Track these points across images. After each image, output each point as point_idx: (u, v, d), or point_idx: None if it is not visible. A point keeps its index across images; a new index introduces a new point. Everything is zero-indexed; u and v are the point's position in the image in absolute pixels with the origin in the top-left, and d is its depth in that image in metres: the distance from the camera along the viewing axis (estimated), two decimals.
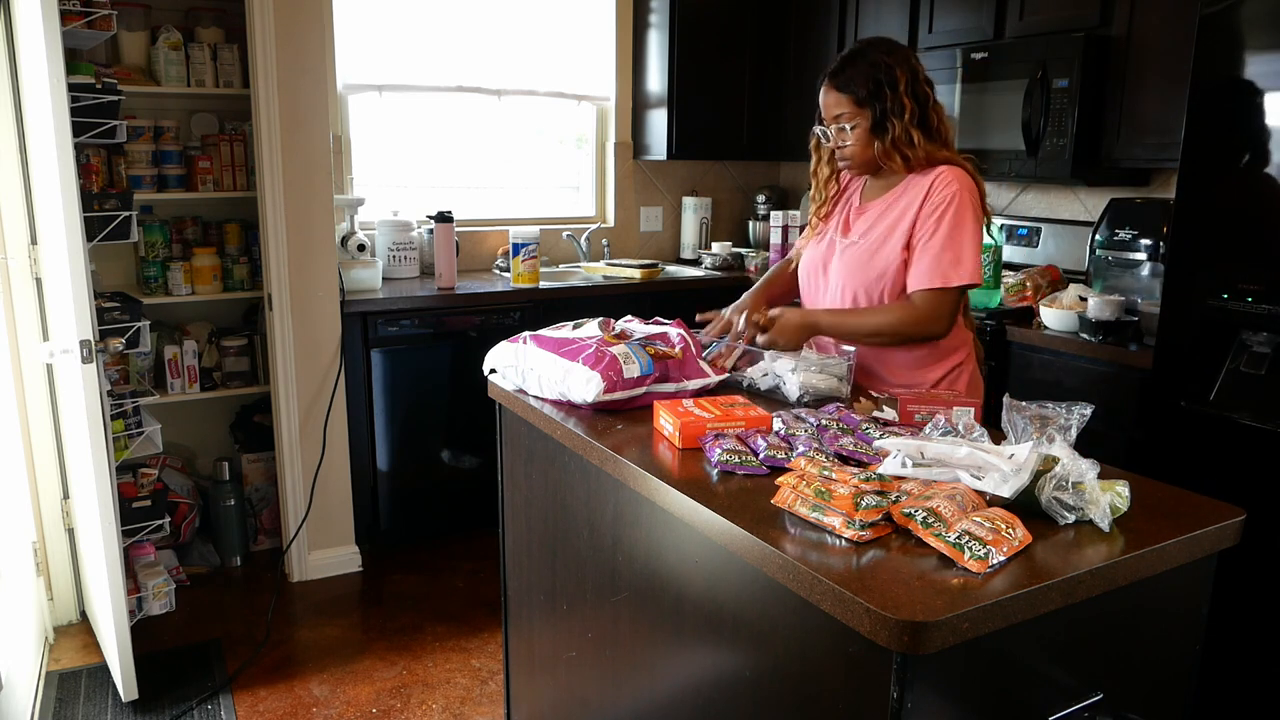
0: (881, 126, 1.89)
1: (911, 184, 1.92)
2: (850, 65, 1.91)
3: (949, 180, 1.86)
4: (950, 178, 1.86)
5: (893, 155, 1.89)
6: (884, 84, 1.87)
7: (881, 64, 1.88)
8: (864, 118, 1.90)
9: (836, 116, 1.93)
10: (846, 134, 1.93)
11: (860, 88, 1.88)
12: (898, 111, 1.87)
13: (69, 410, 2.55)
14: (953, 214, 1.84)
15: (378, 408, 3.29)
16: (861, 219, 2.00)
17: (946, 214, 1.84)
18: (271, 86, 2.92)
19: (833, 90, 1.93)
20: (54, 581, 2.86)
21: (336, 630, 2.90)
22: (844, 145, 1.95)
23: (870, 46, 1.93)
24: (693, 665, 1.42)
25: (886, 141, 1.89)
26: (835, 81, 1.93)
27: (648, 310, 2.41)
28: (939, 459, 1.31)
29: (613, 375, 1.65)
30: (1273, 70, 2.09)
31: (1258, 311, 2.14)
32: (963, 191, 1.85)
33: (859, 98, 1.89)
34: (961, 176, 1.87)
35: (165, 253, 3.15)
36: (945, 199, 1.85)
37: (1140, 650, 1.27)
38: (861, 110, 1.90)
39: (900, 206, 1.92)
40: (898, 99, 1.87)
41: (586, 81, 4.17)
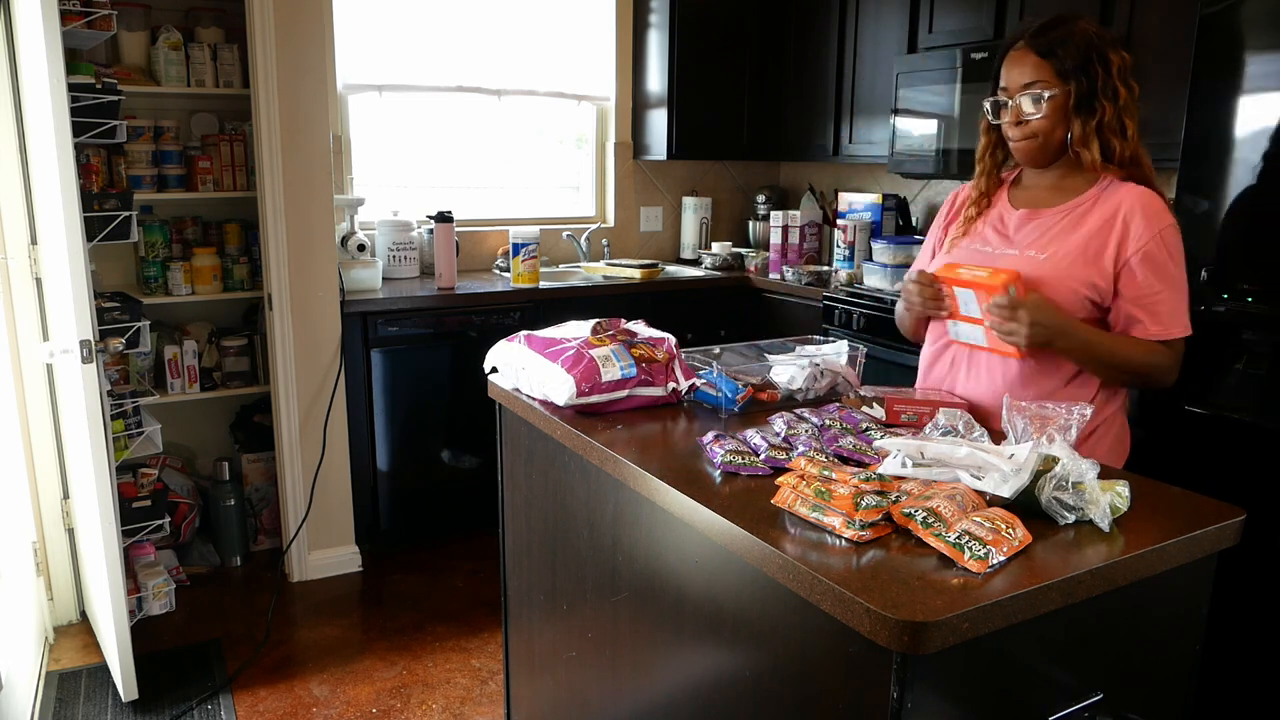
0: (1089, 105, 1.61)
1: (1109, 196, 1.65)
2: (1058, 29, 1.63)
3: (1160, 211, 1.62)
4: (1160, 208, 1.63)
5: (1092, 142, 1.62)
6: (1095, 60, 1.60)
7: (1094, 36, 1.62)
8: (1064, 92, 1.61)
9: (1028, 84, 1.64)
10: (1040, 105, 1.63)
11: (1069, 57, 1.60)
12: (1109, 94, 1.61)
13: (69, 410, 2.55)
14: (1179, 255, 1.63)
15: (378, 408, 3.29)
16: (1031, 228, 1.71)
17: (1175, 254, 1.62)
18: (271, 86, 2.92)
19: (1031, 53, 1.63)
20: (54, 581, 2.86)
21: (336, 630, 2.90)
22: (1029, 118, 1.65)
23: (1077, 16, 1.65)
24: (693, 665, 1.42)
25: (1091, 124, 1.61)
26: (1036, 43, 1.63)
27: (648, 310, 2.41)
28: (939, 459, 1.31)
29: (589, 378, 1.65)
30: (1273, 70, 2.09)
31: (1258, 312, 2.14)
32: (1175, 228, 1.64)
33: (1063, 67, 1.61)
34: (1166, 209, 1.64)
35: (165, 253, 3.15)
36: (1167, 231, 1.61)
37: (1140, 650, 1.27)
38: (1062, 83, 1.61)
39: (1095, 222, 1.64)
40: (1110, 81, 1.60)
41: (586, 81, 4.17)
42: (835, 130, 3.87)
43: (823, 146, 3.95)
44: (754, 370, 1.81)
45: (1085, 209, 1.66)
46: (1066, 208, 1.68)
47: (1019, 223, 1.73)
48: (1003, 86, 1.69)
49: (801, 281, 3.73)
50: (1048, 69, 1.62)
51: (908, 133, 3.43)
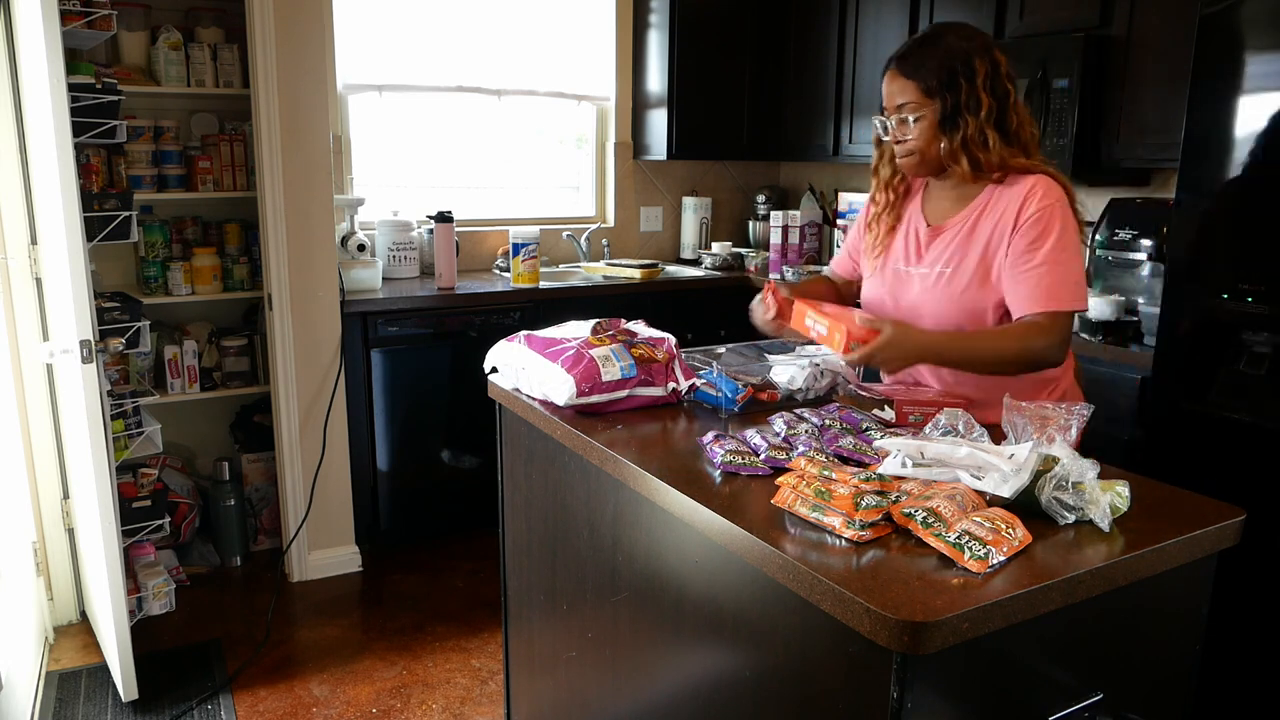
0: (952, 122, 1.66)
1: (997, 198, 1.69)
2: (921, 49, 1.68)
3: (1044, 192, 1.65)
4: (1044, 189, 1.65)
5: (960, 157, 1.67)
6: (959, 74, 1.64)
7: (958, 51, 1.65)
8: (931, 110, 1.67)
9: (899, 106, 1.71)
10: (908, 127, 1.70)
11: (931, 75, 1.66)
12: (973, 107, 1.65)
13: (69, 410, 2.55)
14: (1056, 230, 1.63)
15: (378, 408, 3.29)
16: (938, 243, 1.76)
17: (1049, 230, 1.63)
18: (271, 86, 2.92)
19: (898, 76, 1.70)
20: (54, 581, 2.86)
21: (336, 630, 2.90)
22: (904, 140, 1.72)
23: (947, 30, 1.70)
24: (693, 665, 1.42)
25: (956, 140, 1.67)
26: (902, 66, 1.70)
27: (648, 310, 2.41)
28: (939, 459, 1.31)
29: (589, 378, 1.65)
30: (1273, 70, 2.09)
31: (1258, 311, 2.14)
32: (1061, 205, 1.65)
33: (927, 87, 1.66)
34: (1054, 187, 1.66)
35: (165, 253, 3.15)
36: (1042, 211, 1.64)
37: (1140, 650, 1.27)
38: (929, 101, 1.67)
39: (988, 226, 1.69)
40: (974, 93, 1.64)
41: (586, 81, 4.17)
42: (835, 130, 3.87)
43: (823, 146, 3.94)
44: (754, 370, 1.81)
45: (980, 212, 1.71)
46: (964, 215, 1.74)
47: (929, 239, 1.79)
48: (884, 107, 1.76)
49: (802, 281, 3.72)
50: (914, 89, 1.68)
51: None
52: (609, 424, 1.64)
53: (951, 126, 1.67)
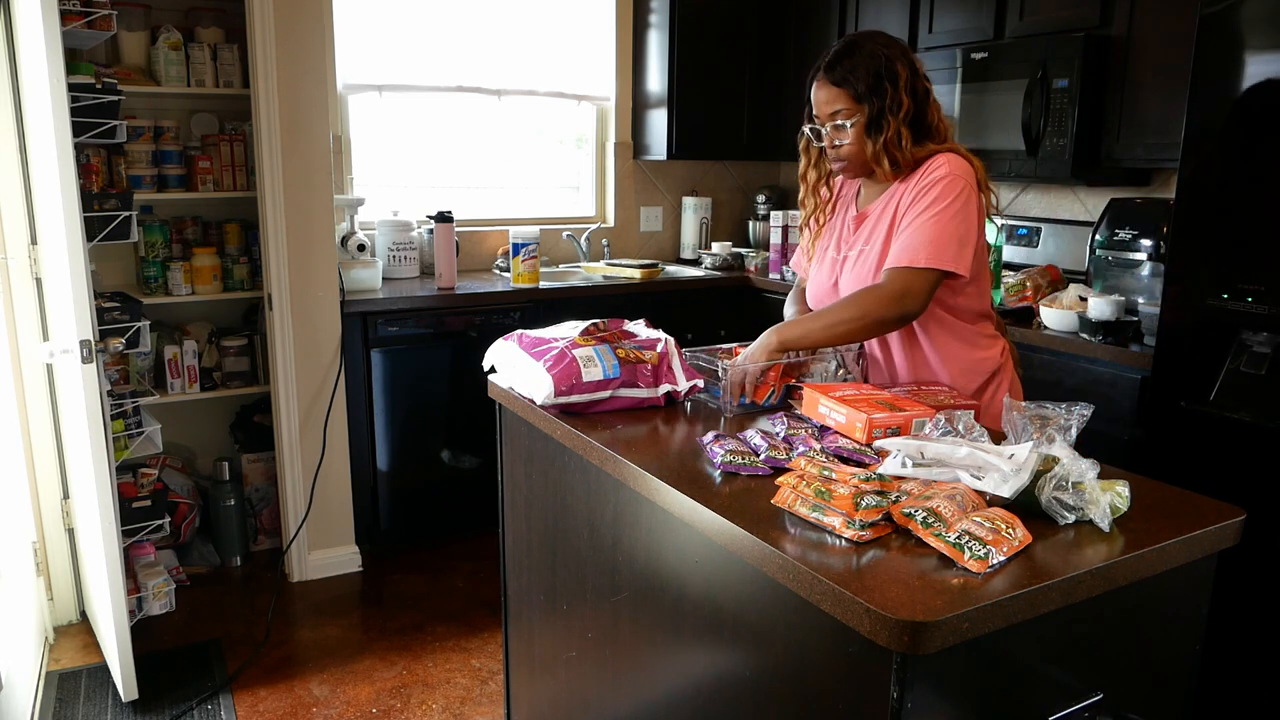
0: (876, 125, 1.75)
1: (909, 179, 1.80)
2: (848, 57, 1.76)
3: (940, 163, 1.74)
4: (941, 160, 1.75)
5: (882, 158, 1.77)
6: (884, 78, 1.73)
7: (881, 56, 1.74)
8: (862, 114, 1.76)
9: (833, 114, 1.79)
10: (845, 132, 1.79)
11: (860, 81, 1.74)
12: (895, 109, 1.73)
13: (69, 410, 2.55)
14: (938, 193, 1.71)
15: (378, 408, 3.29)
16: (863, 226, 1.87)
17: (930, 193, 1.72)
18: (271, 86, 2.92)
19: (828, 84, 1.78)
20: (54, 581, 2.86)
21: (336, 630, 2.90)
22: (840, 144, 1.81)
23: (868, 38, 1.79)
24: (693, 665, 1.42)
25: (879, 142, 1.75)
26: (831, 75, 1.77)
27: (648, 310, 2.41)
28: (939, 459, 1.31)
29: (568, 378, 1.65)
30: (1273, 70, 2.09)
31: (1258, 311, 2.14)
32: (953, 175, 1.73)
33: (857, 92, 1.74)
34: (953, 160, 1.75)
35: (165, 253, 3.15)
36: (932, 180, 1.73)
37: (1140, 650, 1.27)
38: (860, 106, 1.75)
39: (898, 203, 1.80)
40: (897, 95, 1.73)
41: (586, 81, 4.17)
42: None
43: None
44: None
45: (899, 193, 1.80)
46: (884, 198, 1.84)
47: (855, 224, 1.90)
48: (814, 115, 1.83)
49: None
50: (846, 96, 1.76)
51: None
52: (609, 424, 1.64)
53: (876, 129, 1.75)
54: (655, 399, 1.72)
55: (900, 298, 1.70)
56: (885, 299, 1.71)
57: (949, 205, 1.71)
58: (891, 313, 1.71)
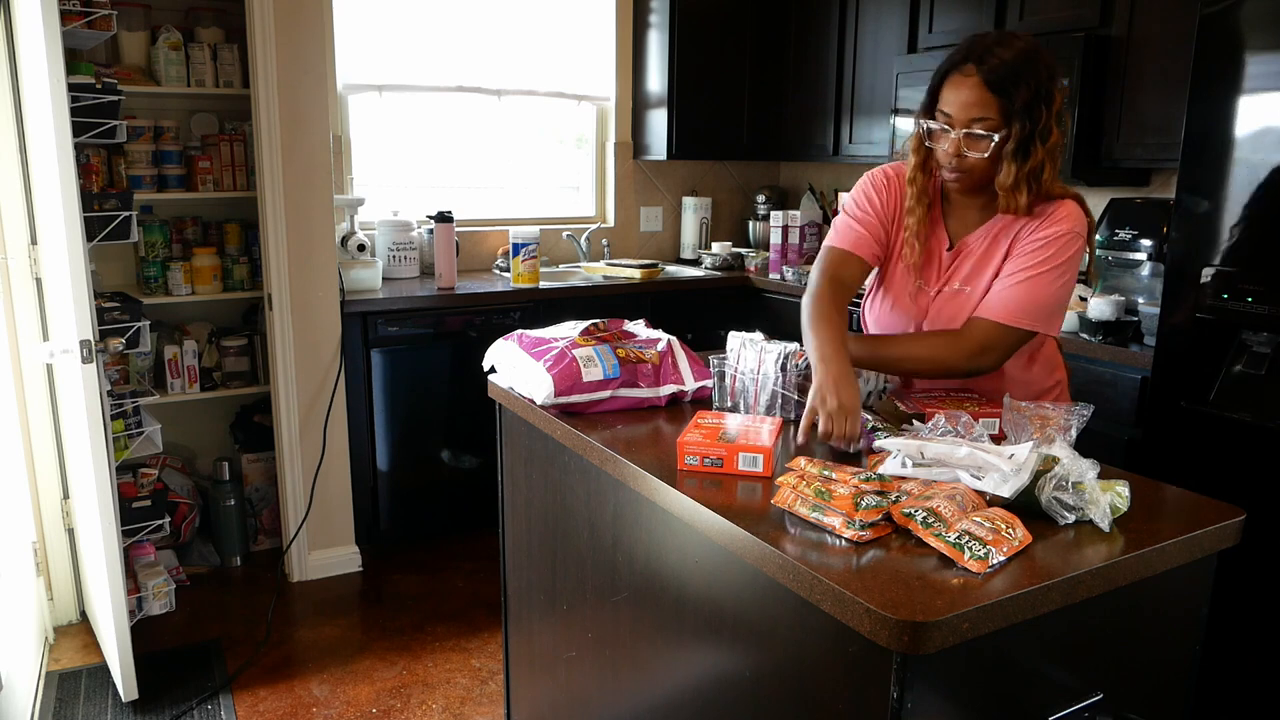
0: (1025, 150, 1.54)
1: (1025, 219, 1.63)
2: (1010, 59, 1.51)
3: (1065, 214, 1.59)
4: (1067, 212, 1.60)
5: (1023, 189, 1.56)
6: (1042, 99, 1.52)
7: (1044, 73, 1.52)
8: (1009, 133, 1.53)
9: (976, 120, 1.54)
10: (982, 144, 1.55)
11: (1019, 95, 1.51)
12: (1044, 137, 1.54)
13: (69, 410, 2.55)
14: (1055, 250, 1.57)
15: (378, 408, 3.29)
16: (960, 261, 1.69)
17: (1048, 248, 1.58)
18: (271, 86, 2.92)
19: (981, 86, 1.52)
20: (54, 581, 2.86)
21: (336, 630, 2.90)
22: (966, 155, 1.57)
23: (1034, 47, 1.55)
24: (693, 665, 1.42)
25: (1024, 170, 1.54)
26: (987, 74, 1.51)
27: (648, 310, 2.41)
28: (939, 459, 1.31)
29: (568, 378, 1.65)
30: (1273, 70, 2.09)
31: (1258, 311, 2.14)
32: (1074, 234, 1.59)
33: (1012, 106, 1.51)
34: (1077, 214, 1.61)
35: (165, 253, 3.15)
36: (1054, 235, 1.58)
37: (1140, 650, 1.27)
38: (1008, 123, 1.53)
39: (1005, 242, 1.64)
40: (1049, 123, 1.53)
41: (586, 81, 4.17)
42: (835, 130, 3.87)
43: (822, 146, 3.95)
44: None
45: (1001, 227, 1.65)
46: (983, 231, 1.68)
47: (951, 259, 1.72)
48: (946, 113, 1.57)
49: (802, 281, 3.73)
50: (996, 106, 1.52)
51: (908, 132, 3.42)
52: (609, 424, 1.64)
53: (1024, 155, 1.55)
54: (656, 399, 1.72)
55: (980, 353, 1.61)
56: (964, 351, 1.61)
57: (1061, 266, 1.59)
58: (965, 366, 1.63)
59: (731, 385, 1.72)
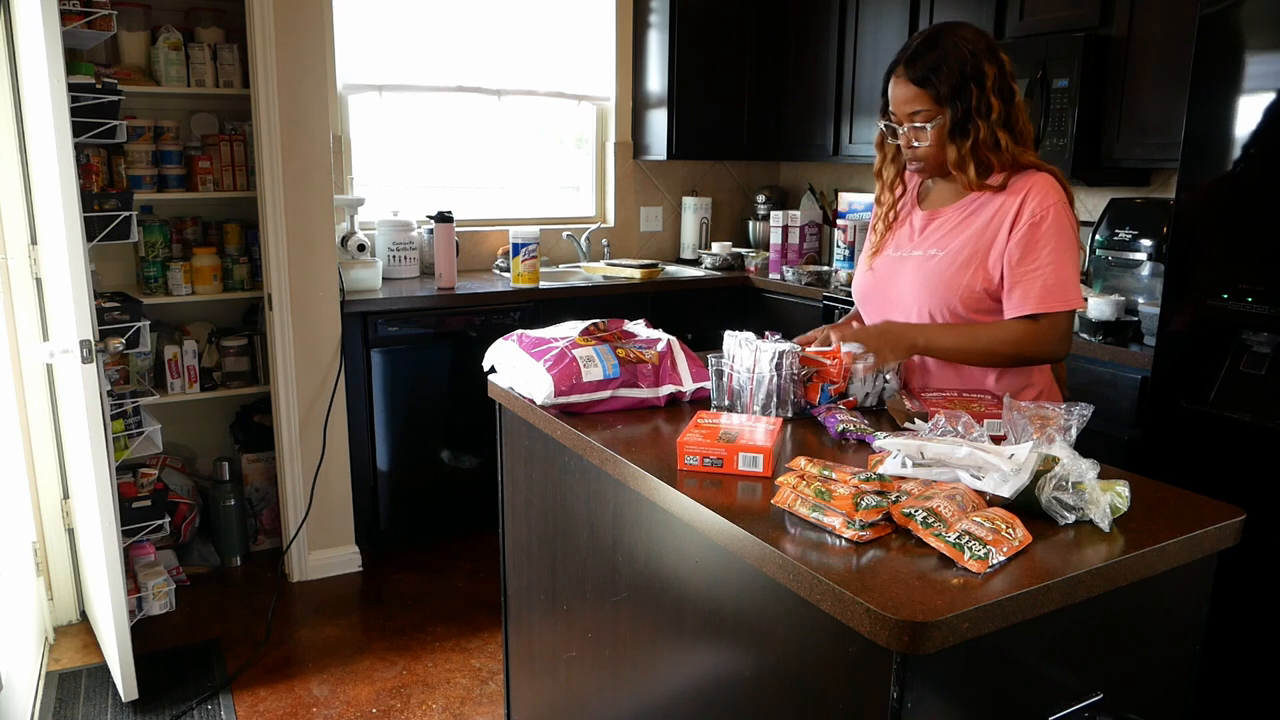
0: (963, 129, 1.65)
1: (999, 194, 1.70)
2: (929, 53, 1.64)
3: (1045, 190, 1.65)
4: (1046, 188, 1.66)
5: (967, 164, 1.67)
6: (969, 79, 1.62)
7: (966, 53, 1.62)
8: (944, 116, 1.65)
9: (912, 114, 1.68)
10: (924, 134, 1.68)
11: (942, 82, 1.63)
12: (984, 111, 1.63)
13: (69, 410, 2.55)
14: (1055, 231, 1.64)
15: (378, 408, 3.29)
16: (934, 226, 1.78)
17: (1048, 231, 1.64)
18: (271, 86, 2.92)
19: (907, 82, 1.66)
20: (54, 581, 2.86)
21: (336, 630, 2.90)
22: (917, 145, 1.71)
23: (952, 31, 1.65)
24: (693, 665, 1.42)
25: (965, 147, 1.65)
26: (911, 72, 1.65)
27: (648, 310, 2.41)
28: (939, 459, 1.31)
29: (568, 378, 1.65)
30: (1273, 70, 2.09)
31: (1258, 311, 2.14)
32: (1060, 205, 1.65)
33: (939, 94, 1.64)
34: (1054, 187, 1.67)
35: (165, 253, 3.15)
36: (1044, 212, 1.64)
37: (1140, 650, 1.27)
38: (941, 108, 1.65)
39: (987, 214, 1.70)
40: (985, 97, 1.62)
41: (586, 81, 4.17)
42: (835, 130, 3.87)
43: (823, 146, 3.95)
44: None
45: (982, 201, 1.72)
46: (962, 203, 1.75)
47: (924, 223, 1.81)
48: (892, 112, 1.72)
49: (801, 281, 3.73)
50: (926, 97, 1.65)
51: None
52: (609, 424, 1.64)
53: (961, 133, 1.66)
54: (656, 399, 1.72)
55: (1056, 341, 1.66)
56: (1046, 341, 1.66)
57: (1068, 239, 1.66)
58: (1042, 353, 1.69)
59: (729, 384, 1.72)
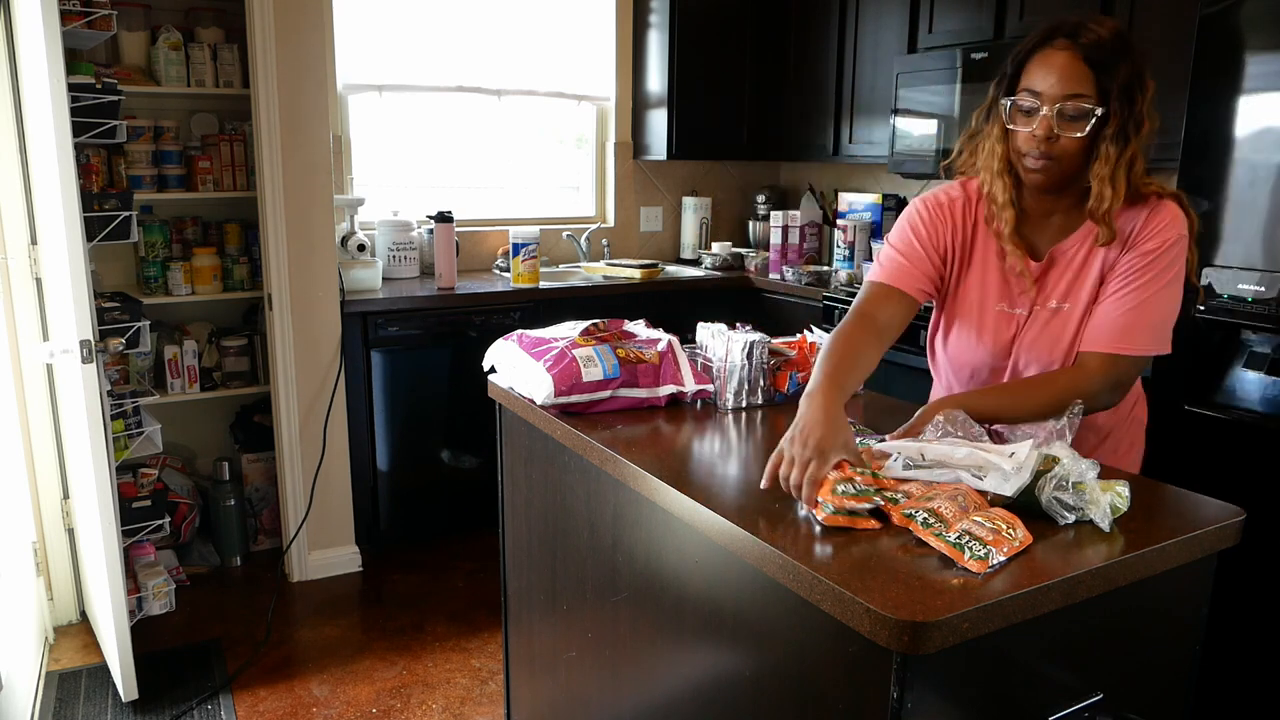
0: (1124, 135, 1.39)
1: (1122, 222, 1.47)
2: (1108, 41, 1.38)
3: (1171, 221, 1.44)
4: (1172, 218, 1.45)
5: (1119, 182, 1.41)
6: (1136, 86, 1.39)
7: (1140, 60, 1.39)
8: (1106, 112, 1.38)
9: (1071, 95, 1.38)
10: (1077, 124, 1.39)
11: (1117, 74, 1.37)
12: (1137, 128, 1.40)
13: (69, 410, 2.55)
14: (1166, 264, 1.44)
15: (378, 408, 3.29)
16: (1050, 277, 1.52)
17: (1160, 263, 1.43)
18: (271, 86, 2.92)
19: (1076, 57, 1.38)
20: (54, 581, 2.86)
21: (336, 630, 2.90)
22: (1056, 137, 1.40)
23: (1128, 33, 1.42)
24: (693, 665, 1.42)
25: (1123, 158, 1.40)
26: (1086, 48, 1.37)
27: (648, 310, 2.41)
28: (940, 460, 1.31)
29: (568, 378, 1.65)
30: (1273, 70, 2.09)
31: (1258, 311, 2.14)
32: (1182, 238, 1.45)
33: (1109, 84, 1.37)
34: (1181, 219, 1.46)
35: (165, 253, 3.15)
36: (1164, 244, 1.44)
37: (1140, 650, 1.27)
38: (1104, 102, 1.38)
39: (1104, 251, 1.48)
40: (1142, 111, 1.39)
41: (586, 81, 4.17)
42: (835, 130, 3.87)
43: (823, 146, 3.95)
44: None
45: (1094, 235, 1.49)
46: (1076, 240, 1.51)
47: (1040, 271, 1.54)
48: (1033, 90, 1.41)
49: (801, 281, 3.73)
50: (1092, 83, 1.37)
51: (908, 133, 3.43)
52: (609, 424, 1.64)
53: (1123, 140, 1.39)
54: (656, 399, 1.72)
55: (1105, 391, 1.45)
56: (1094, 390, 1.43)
57: (1175, 278, 1.45)
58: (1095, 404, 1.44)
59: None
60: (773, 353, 1.73)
